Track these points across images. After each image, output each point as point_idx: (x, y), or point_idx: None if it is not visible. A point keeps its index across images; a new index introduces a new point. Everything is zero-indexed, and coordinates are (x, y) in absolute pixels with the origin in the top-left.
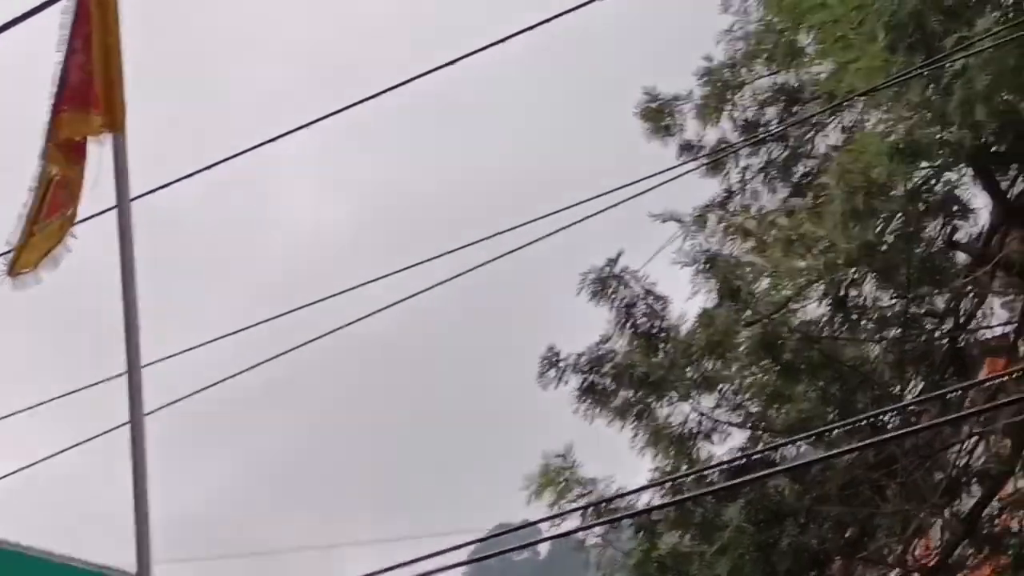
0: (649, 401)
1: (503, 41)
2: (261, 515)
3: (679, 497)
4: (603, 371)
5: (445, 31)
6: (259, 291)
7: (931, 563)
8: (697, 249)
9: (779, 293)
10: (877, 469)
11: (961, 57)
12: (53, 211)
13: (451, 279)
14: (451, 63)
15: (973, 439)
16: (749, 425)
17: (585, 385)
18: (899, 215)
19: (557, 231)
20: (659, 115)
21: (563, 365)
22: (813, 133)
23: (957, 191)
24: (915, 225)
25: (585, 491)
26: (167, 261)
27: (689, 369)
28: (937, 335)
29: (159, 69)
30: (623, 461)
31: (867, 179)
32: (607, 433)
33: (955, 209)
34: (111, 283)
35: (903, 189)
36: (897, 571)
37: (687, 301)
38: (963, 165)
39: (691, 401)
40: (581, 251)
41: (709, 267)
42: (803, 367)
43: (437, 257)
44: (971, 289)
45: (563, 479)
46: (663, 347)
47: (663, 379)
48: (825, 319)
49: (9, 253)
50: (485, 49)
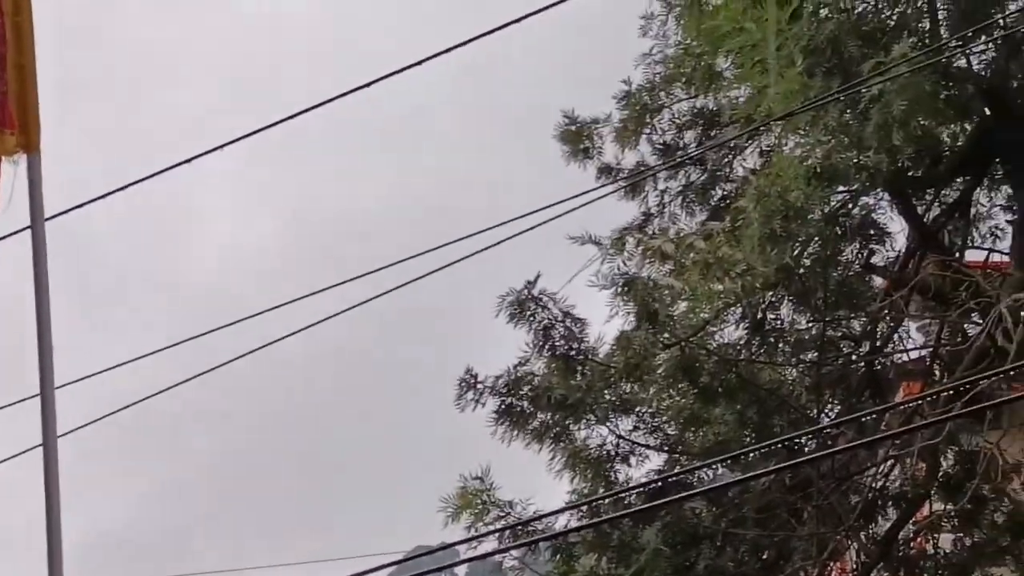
0: (567, 423)
1: (424, 62)
2: (180, 536)
3: (596, 519)
4: (521, 393)
5: (369, 53)
6: (182, 310)
7: None
8: (615, 272)
9: (697, 316)
10: (793, 492)
11: (878, 82)
12: None
13: (370, 300)
14: (372, 83)
15: (889, 462)
16: (666, 448)
17: (502, 407)
18: (816, 239)
19: (475, 253)
20: (578, 138)
21: (481, 387)
22: (731, 157)
23: (874, 215)
24: (832, 249)
25: (503, 513)
26: (84, 280)
27: (607, 392)
28: (854, 358)
29: (78, 88)
30: (541, 483)
31: (784, 203)
32: (525, 455)
33: (872, 233)
34: (26, 304)
35: (820, 213)
36: None
37: (605, 324)
38: (880, 189)
39: (609, 424)
40: (500, 273)
41: (627, 290)
42: (720, 390)
43: (358, 277)
44: (887, 313)
45: (480, 501)
46: (581, 370)
47: (581, 402)
48: (743, 342)
49: None
50: (408, 69)
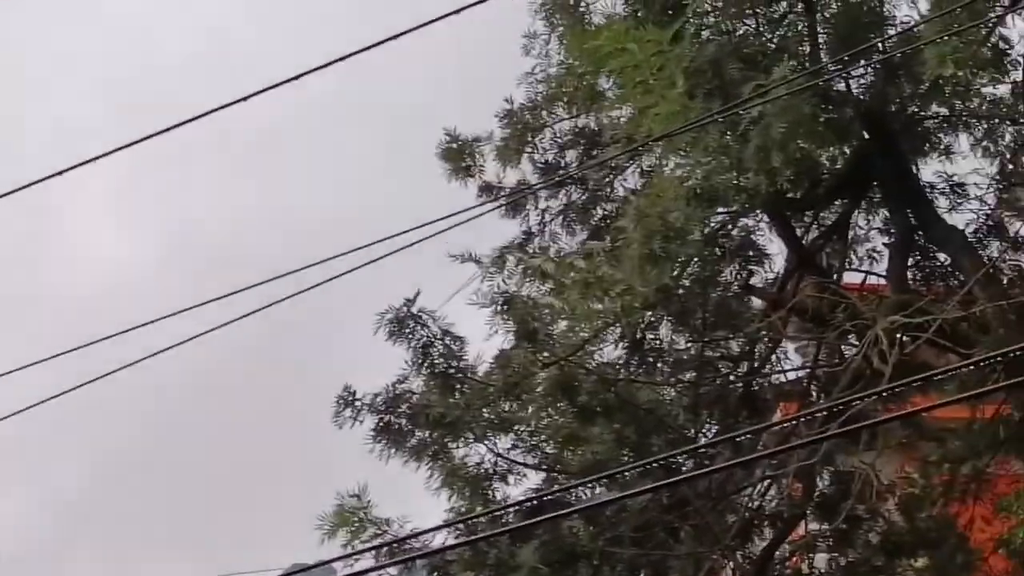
0: (445, 441)
1: (302, 76)
2: (56, 552)
3: (473, 537)
4: (399, 411)
5: (248, 68)
6: (56, 323)
7: None
8: (495, 290)
9: (576, 335)
10: (670, 511)
11: (758, 104)
12: None
13: (246, 316)
14: (250, 96)
15: (765, 482)
16: (545, 466)
17: (381, 425)
18: (695, 259)
19: (354, 269)
20: (459, 156)
21: (359, 404)
22: (612, 177)
23: (753, 237)
24: (711, 270)
25: (379, 531)
26: None
27: (486, 410)
28: (732, 379)
29: None
30: (419, 501)
31: (664, 223)
32: (403, 473)
33: (751, 254)
34: None
35: (700, 234)
36: None
37: (485, 342)
38: (759, 211)
39: (487, 442)
40: (380, 290)
41: (507, 308)
42: (599, 409)
43: (234, 293)
44: (765, 334)
45: (357, 519)
46: (460, 388)
47: (459, 419)
48: (621, 361)
49: None
50: (286, 83)
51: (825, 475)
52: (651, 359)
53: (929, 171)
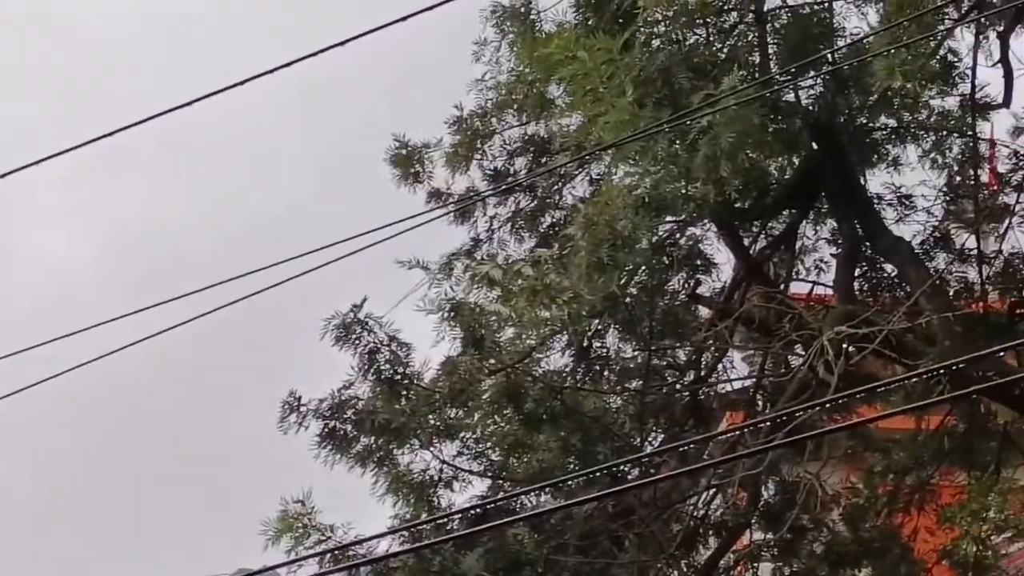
0: (390, 448)
1: (250, 80)
2: None
3: (418, 544)
4: (344, 417)
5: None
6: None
7: None
8: (442, 297)
9: (523, 343)
10: (615, 519)
11: (707, 113)
12: None
13: (190, 320)
14: (196, 101)
15: (711, 491)
16: (490, 474)
17: (326, 431)
18: (643, 268)
19: (300, 274)
20: (408, 162)
21: (304, 410)
22: (561, 184)
23: (701, 246)
24: (659, 278)
25: (323, 537)
26: None
27: (431, 417)
28: (678, 387)
29: None
30: (363, 508)
31: (612, 231)
32: (348, 479)
33: (698, 263)
34: None
35: (648, 242)
36: None
37: (431, 349)
38: (707, 220)
39: (433, 449)
40: (327, 295)
41: (454, 315)
42: (545, 417)
43: (181, 297)
44: (712, 343)
45: (301, 525)
46: (406, 394)
47: (405, 426)
48: (568, 369)
49: None
50: (237, 86)
51: (770, 485)
52: (598, 367)
53: (877, 182)
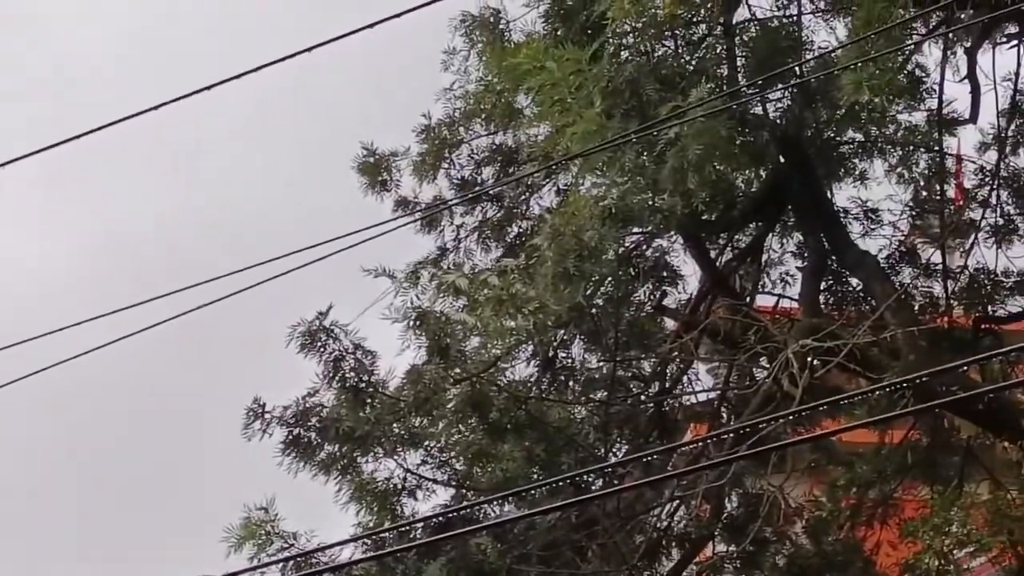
0: (354, 456)
1: (216, 86)
2: None
3: (380, 552)
4: (309, 424)
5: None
6: None
7: None
8: (408, 305)
9: (488, 352)
10: (579, 530)
11: (675, 125)
12: None
13: (157, 325)
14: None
15: (674, 503)
16: (454, 483)
17: (290, 438)
18: (609, 279)
19: (267, 280)
20: (376, 170)
21: (268, 417)
22: (528, 194)
23: (667, 257)
24: (625, 289)
25: (286, 544)
26: None
27: (396, 425)
28: (643, 399)
29: None
30: (327, 515)
31: (579, 242)
32: (312, 487)
33: (664, 275)
34: None
35: (614, 253)
36: None
37: (396, 357)
38: (673, 232)
39: (397, 457)
40: (292, 302)
41: (419, 324)
42: (509, 426)
43: (147, 301)
44: (677, 355)
45: (264, 532)
46: (370, 402)
47: (369, 434)
48: (533, 379)
49: None
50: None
51: (733, 497)
52: (563, 377)
53: (844, 196)
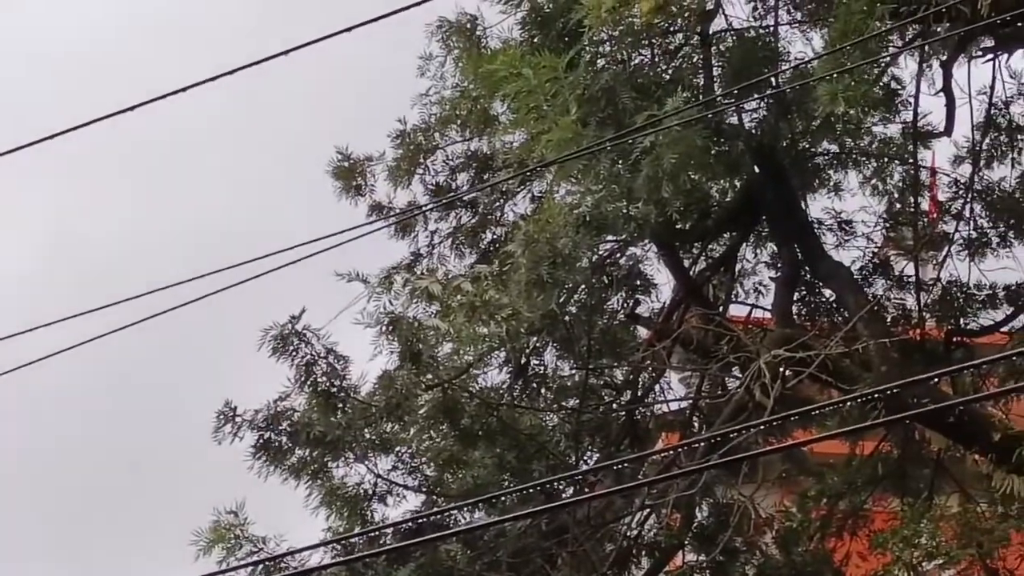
0: (325, 460)
1: (193, 87)
2: None
3: (350, 557)
4: (280, 428)
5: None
6: None
7: None
8: (381, 311)
9: (461, 358)
10: (549, 537)
11: (650, 133)
12: None
13: (124, 327)
14: (135, 107)
15: (644, 511)
16: (424, 489)
17: (261, 442)
18: (583, 286)
19: (237, 284)
20: (350, 174)
21: (239, 421)
22: (502, 201)
23: (641, 266)
24: (598, 297)
25: (255, 548)
26: None
27: (367, 430)
28: (614, 407)
29: None
30: (297, 520)
31: (553, 249)
32: (282, 491)
33: (638, 284)
34: None
35: (588, 261)
36: None
37: (368, 362)
38: (647, 240)
39: (368, 462)
40: (265, 305)
41: (392, 329)
42: (481, 433)
43: (116, 304)
44: (650, 363)
45: (233, 536)
46: (342, 407)
47: (340, 439)
48: (505, 386)
49: None
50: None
51: (704, 506)
52: (535, 385)
53: (818, 207)
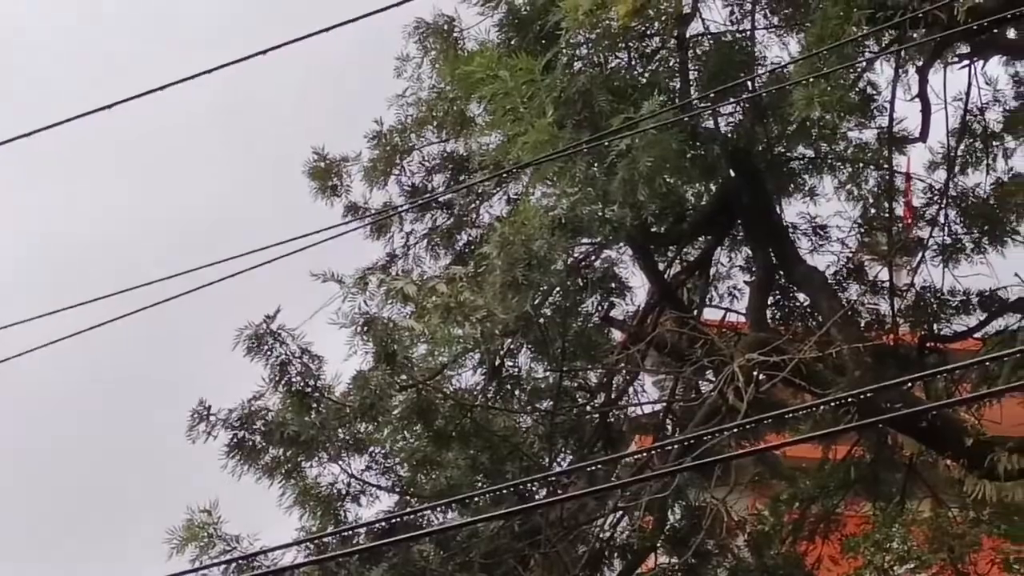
0: (299, 460)
1: (169, 86)
2: None
3: (323, 557)
4: (254, 428)
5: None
6: None
7: None
8: (356, 311)
9: (435, 359)
10: (522, 539)
11: (626, 137)
12: None
13: (99, 325)
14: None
15: (617, 513)
16: (398, 489)
17: (235, 441)
18: (557, 289)
19: (211, 283)
20: (326, 174)
21: (213, 419)
22: (478, 202)
23: (615, 269)
24: (573, 299)
25: (229, 547)
26: None
27: (341, 430)
28: (588, 409)
29: None
30: (271, 519)
31: (528, 251)
32: (256, 490)
33: (612, 286)
34: None
35: (563, 263)
36: None
37: (343, 362)
38: (623, 243)
39: (341, 462)
40: (241, 305)
41: (367, 329)
42: (455, 434)
43: (91, 301)
44: (624, 366)
45: (207, 534)
46: (316, 407)
47: (314, 439)
48: (479, 388)
49: None
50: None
51: (677, 509)
52: (509, 386)
53: (793, 212)
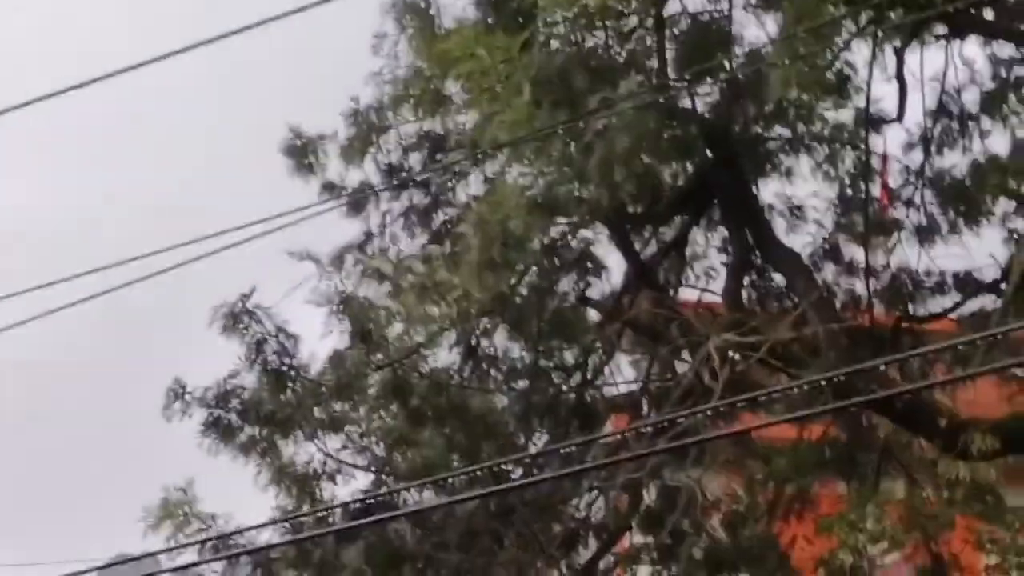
0: (275, 439)
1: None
2: None
3: (298, 536)
4: (230, 406)
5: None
6: None
7: None
8: (332, 290)
9: (411, 338)
10: (497, 518)
11: (603, 116)
12: None
13: (72, 305)
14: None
15: (593, 493)
16: (374, 468)
17: (210, 419)
18: (534, 268)
19: (188, 262)
20: (303, 153)
21: (189, 398)
22: (455, 182)
23: (592, 249)
24: (549, 279)
25: (204, 526)
26: None
27: (317, 409)
28: (564, 389)
29: None
30: (247, 497)
31: (504, 231)
32: (232, 468)
33: (589, 266)
34: None
35: (539, 243)
36: None
37: (319, 341)
38: (599, 223)
39: (317, 441)
40: (216, 283)
41: (343, 308)
42: (430, 413)
43: (69, 279)
44: (600, 346)
45: (182, 512)
46: (292, 386)
47: (290, 418)
48: (455, 367)
49: None
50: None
51: (652, 489)
52: (485, 366)
53: (769, 192)
